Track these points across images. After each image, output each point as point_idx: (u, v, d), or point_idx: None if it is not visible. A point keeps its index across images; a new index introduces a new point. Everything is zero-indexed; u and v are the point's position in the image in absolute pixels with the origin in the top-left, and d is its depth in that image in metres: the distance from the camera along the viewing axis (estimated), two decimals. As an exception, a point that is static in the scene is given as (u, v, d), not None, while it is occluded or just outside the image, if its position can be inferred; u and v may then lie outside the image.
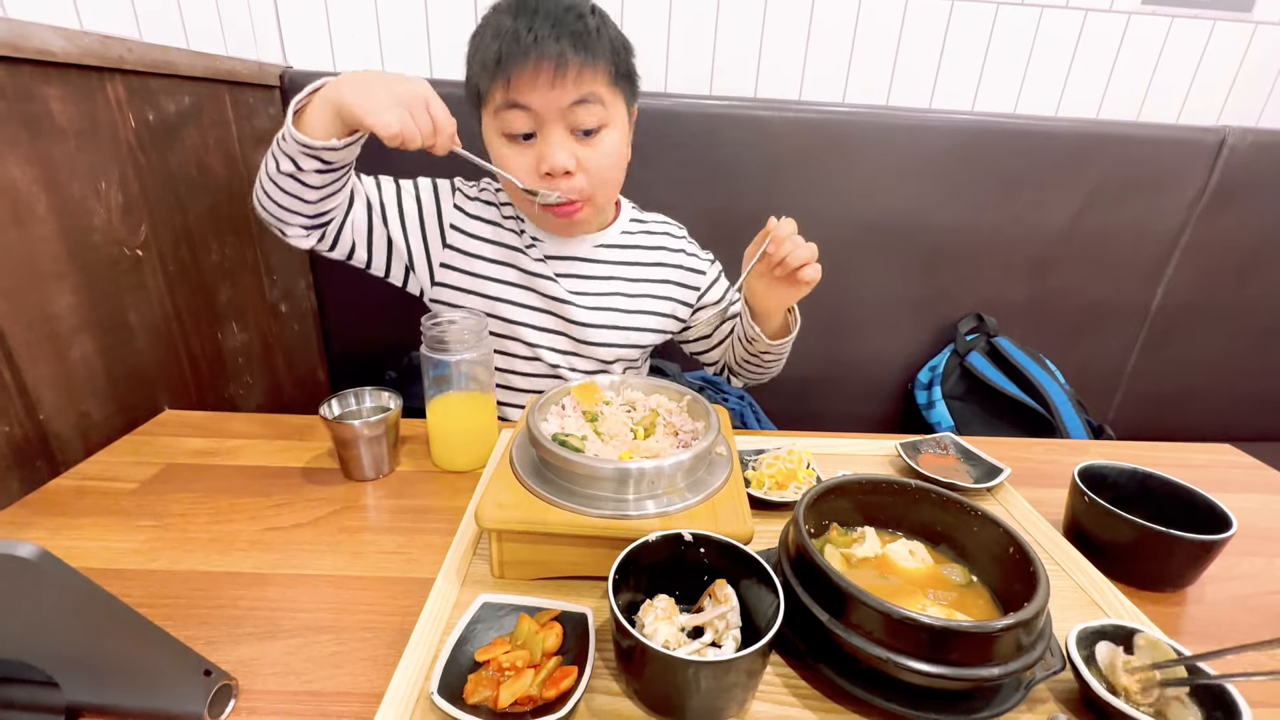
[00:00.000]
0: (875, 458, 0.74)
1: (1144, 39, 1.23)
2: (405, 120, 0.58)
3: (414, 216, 0.77)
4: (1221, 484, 0.68)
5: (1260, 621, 0.53)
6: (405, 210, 0.77)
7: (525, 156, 0.69)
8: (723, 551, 0.45)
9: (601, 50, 0.66)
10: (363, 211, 0.75)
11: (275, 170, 0.64)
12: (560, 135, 0.68)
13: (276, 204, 0.67)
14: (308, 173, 0.64)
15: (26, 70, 0.62)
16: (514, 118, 0.67)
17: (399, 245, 0.77)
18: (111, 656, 0.37)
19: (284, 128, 0.61)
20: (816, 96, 1.23)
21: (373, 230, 0.75)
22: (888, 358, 1.30)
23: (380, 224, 0.76)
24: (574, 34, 0.64)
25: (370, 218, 0.75)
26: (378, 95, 0.58)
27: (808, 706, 0.42)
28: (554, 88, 0.65)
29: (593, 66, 0.66)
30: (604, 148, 0.70)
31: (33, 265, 0.64)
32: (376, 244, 0.76)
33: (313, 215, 0.69)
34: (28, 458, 0.64)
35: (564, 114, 0.67)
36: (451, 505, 0.62)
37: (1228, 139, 1.15)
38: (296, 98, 0.61)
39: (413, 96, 0.58)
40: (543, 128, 0.68)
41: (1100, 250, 1.22)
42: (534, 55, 0.63)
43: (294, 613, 0.48)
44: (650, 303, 0.84)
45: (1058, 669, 0.42)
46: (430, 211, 0.78)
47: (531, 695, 0.39)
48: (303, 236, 0.71)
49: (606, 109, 0.69)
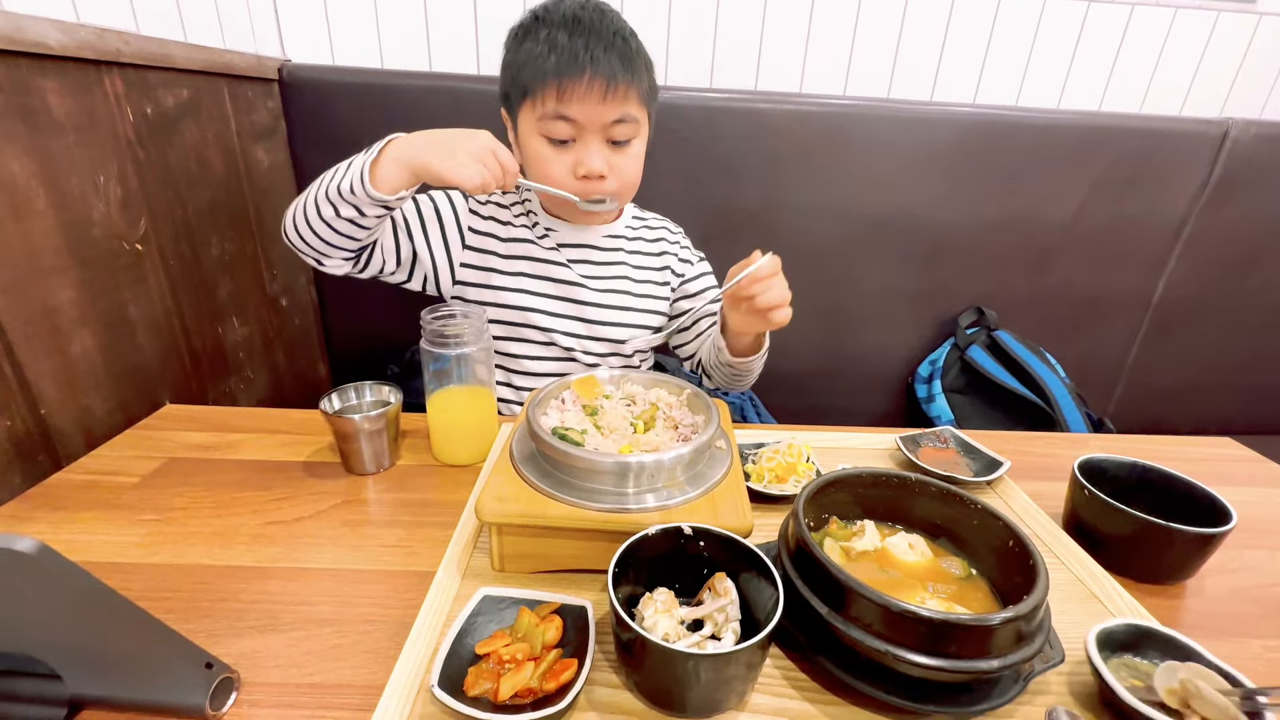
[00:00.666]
0: (875, 451, 0.74)
1: (1147, 31, 1.22)
2: (483, 173, 0.65)
3: (436, 228, 0.82)
4: (1222, 477, 0.68)
5: (1260, 614, 0.53)
6: (427, 223, 0.82)
7: (564, 159, 0.76)
8: (722, 545, 0.45)
9: (639, 72, 0.73)
10: (389, 232, 0.79)
11: (333, 215, 0.68)
12: (598, 143, 0.75)
13: (324, 241, 0.71)
14: (370, 218, 0.68)
15: (23, 63, 0.62)
16: (558, 126, 0.73)
17: (423, 257, 0.82)
18: (113, 650, 0.37)
19: (349, 179, 0.65)
20: (817, 89, 1.22)
21: (400, 248, 0.81)
22: (888, 351, 1.30)
23: (406, 240, 0.81)
24: (621, 56, 0.71)
25: (397, 236, 0.80)
26: (457, 155, 0.64)
27: (807, 698, 0.42)
28: (603, 104, 0.72)
29: (635, 86, 0.73)
30: (631, 154, 0.78)
31: (32, 260, 0.64)
32: (403, 259, 0.81)
33: (358, 249, 0.74)
34: (29, 452, 0.64)
35: (605, 127, 0.74)
36: (452, 499, 0.62)
37: (1230, 131, 1.14)
38: (367, 158, 0.65)
39: (484, 150, 0.65)
40: (582, 136, 0.74)
41: (1102, 243, 1.22)
42: (589, 73, 0.70)
43: (295, 606, 0.48)
44: (653, 287, 0.90)
45: (1057, 661, 0.42)
46: (450, 219, 0.83)
47: (532, 688, 0.39)
48: (341, 265, 0.76)
49: (640, 124, 0.76)
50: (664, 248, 0.91)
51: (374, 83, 1.05)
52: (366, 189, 0.64)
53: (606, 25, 0.72)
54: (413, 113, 1.06)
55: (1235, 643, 0.50)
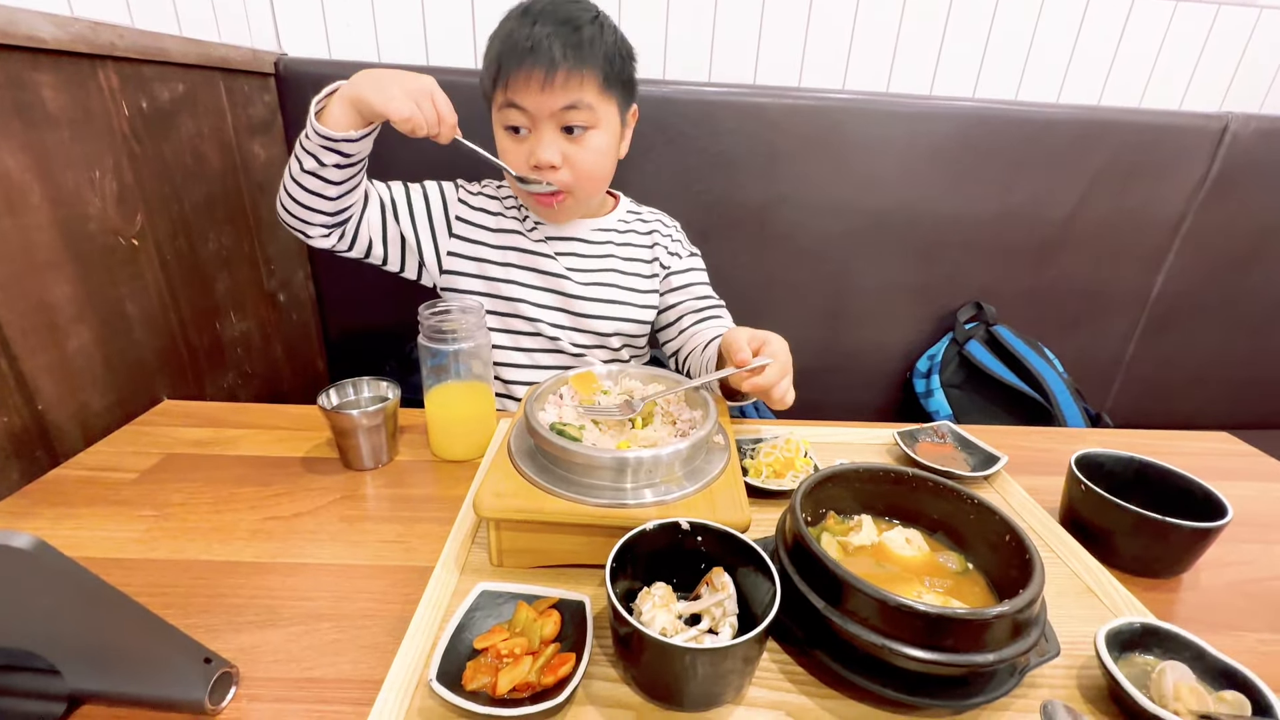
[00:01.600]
0: (873, 446, 0.75)
1: (1147, 24, 1.21)
2: (414, 109, 0.65)
3: (423, 212, 0.83)
4: (1218, 472, 0.69)
5: (1256, 608, 0.54)
6: (415, 207, 0.83)
7: (520, 149, 0.76)
8: (720, 540, 0.45)
9: (592, 59, 0.71)
10: (377, 211, 0.80)
11: (299, 170, 0.69)
12: (550, 133, 0.74)
13: (300, 205, 0.72)
14: (329, 168, 0.69)
15: (17, 57, 0.62)
16: (511, 115, 0.74)
17: (410, 240, 0.82)
18: (113, 645, 0.37)
19: (307, 125, 0.67)
20: (816, 83, 1.22)
21: (387, 228, 0.81)
22: (886, 346, 1.30)
23: (393, 221, 0.81)
24: (566, 44, 0.70)
25: (384, 216, 0.81)
26: (390, 88, 0.65)
27: (804, 692, 0.43)
28: (543, 91, 0.71)
29: (579, 74, 0.71)
30: (589, 145, 0.76)
31: (28, 255, 0.64)
32: (391, 241, 0.82)
33: (333, 213, 0.74)
34: (27, 448, 0.64)
35: (555, 115, 0.73)
36: (450, 494, 0.62)
37: (1230, 125, 1.14)
38: (316, 98, 0.68)
39: (420, 89, 0.66)
40: (535, 125, 0.74)
41: (1101, 238, 1.22)
42: (527, 61, 0.69)
43: (294, 601, 0.49)
44: (642, 281, 0.89)
45: (1052, 655, 0.42)
46: (437, 206, 0.84)
47: (530, 682, 0.39)
48: (324, 236, 0.76)
49: (595, 112, 0.74)
50: (655, 240, 0.90)
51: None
52: (315, 127, 0.66)
53: (560, 12, 0.71)
54: (410, 107, 1.05)
55: (1231, 636, 0.50)
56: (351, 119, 0.67)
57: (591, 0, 0.76)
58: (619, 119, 0.79)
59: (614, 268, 0.87)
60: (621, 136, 0.81)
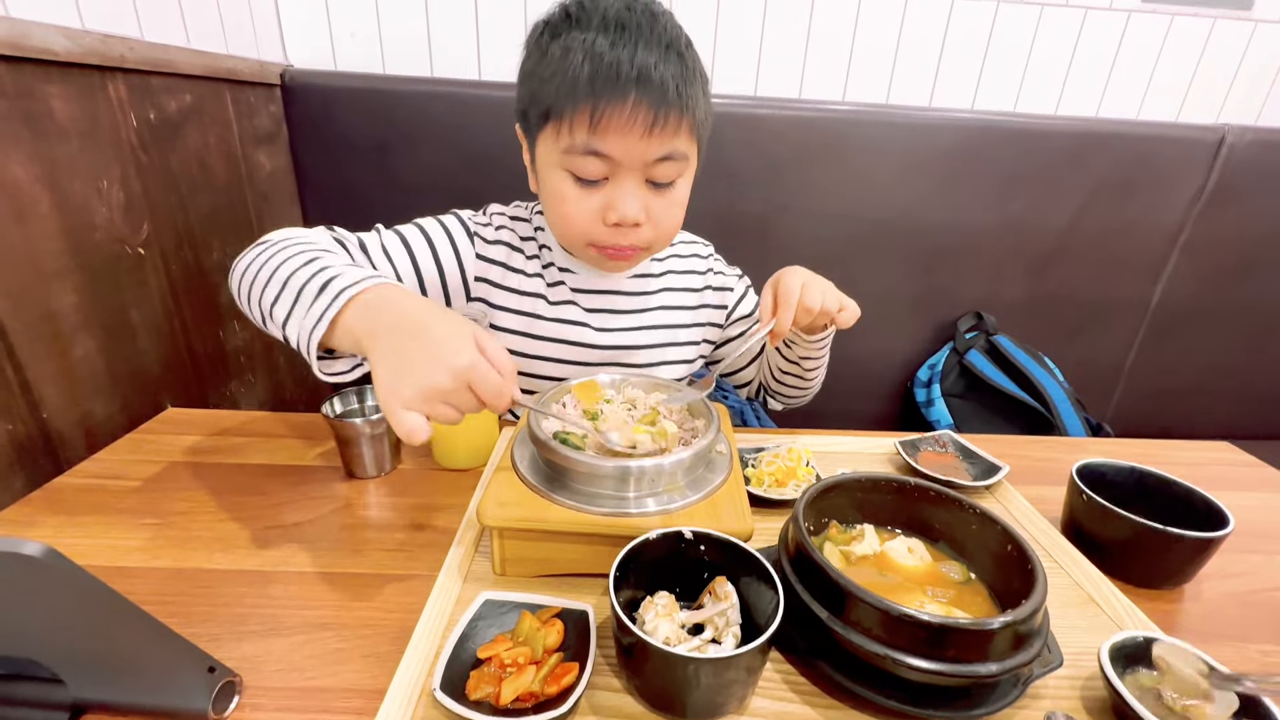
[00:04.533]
0: (874, 456, 0.75)
1: (1144, 37, 1.23)
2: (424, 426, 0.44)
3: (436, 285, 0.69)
4: (1219, 482, 0.69)
5: (1257, 618, 0.53)
6: (426, 281, 0.68)
7: (590, 201, 0.62)
8: (723, 549, 0.45)
9: (697, 94, 0.59)
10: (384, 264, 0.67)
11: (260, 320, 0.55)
12: (634, 185, 0.61)
13: None
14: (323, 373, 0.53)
15: (28, 69, 0.62)
16: (589, 164, 0.60)
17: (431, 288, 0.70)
18: (116, 654, 0.37)
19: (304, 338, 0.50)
20: (816, 95, 1.23)
21: None
22: (887, 356, 1.31)
23: None
24: (676, 75, 0.56)
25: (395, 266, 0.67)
26: (402, 382, 0.44)
27: (807, 702, 0.43)
28: (647, 138, 0.57)
29: (688, 116, 0.59)
30: (674, 199, 0.65)
31: (35, 264, 0.64)
32: None
33: None
34: (31, 456, 0.64)
35: (646, 166, 0.61)
36: (453, 503, 0.62)
37: (1227, 137, 1.15)
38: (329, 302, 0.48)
39: (454, 387, 0.44)
40: (617, 174, 0.61)
41: (1099, 248, 1.22)
42: (634, 97, 0.55)
43: (297, 610, 0.49)
44: (688, 314, 0.79)
45: (1055, 665, 0.42)
46: (453, 273, 0.70)
47: (533, 691, 0.39)
48: None
49: (687, 161, 0.63)
50: (693, 282, 0.80)
51: (376, 88, 1.06)
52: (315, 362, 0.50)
53: (659, 33, 0.57)
54: (414, 118, 1.06)
55: (1232, 647, 0.50)
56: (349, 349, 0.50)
57: None
58: (699, 162, 0.67)
59: (654, 322, 0.75)
60: None
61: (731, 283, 0.84)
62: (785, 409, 0.86)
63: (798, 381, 0.77)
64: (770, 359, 0.78)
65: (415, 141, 1.07)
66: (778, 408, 0.85)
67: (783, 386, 0.79)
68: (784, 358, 0.75)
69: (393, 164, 1.08)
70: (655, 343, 0.77)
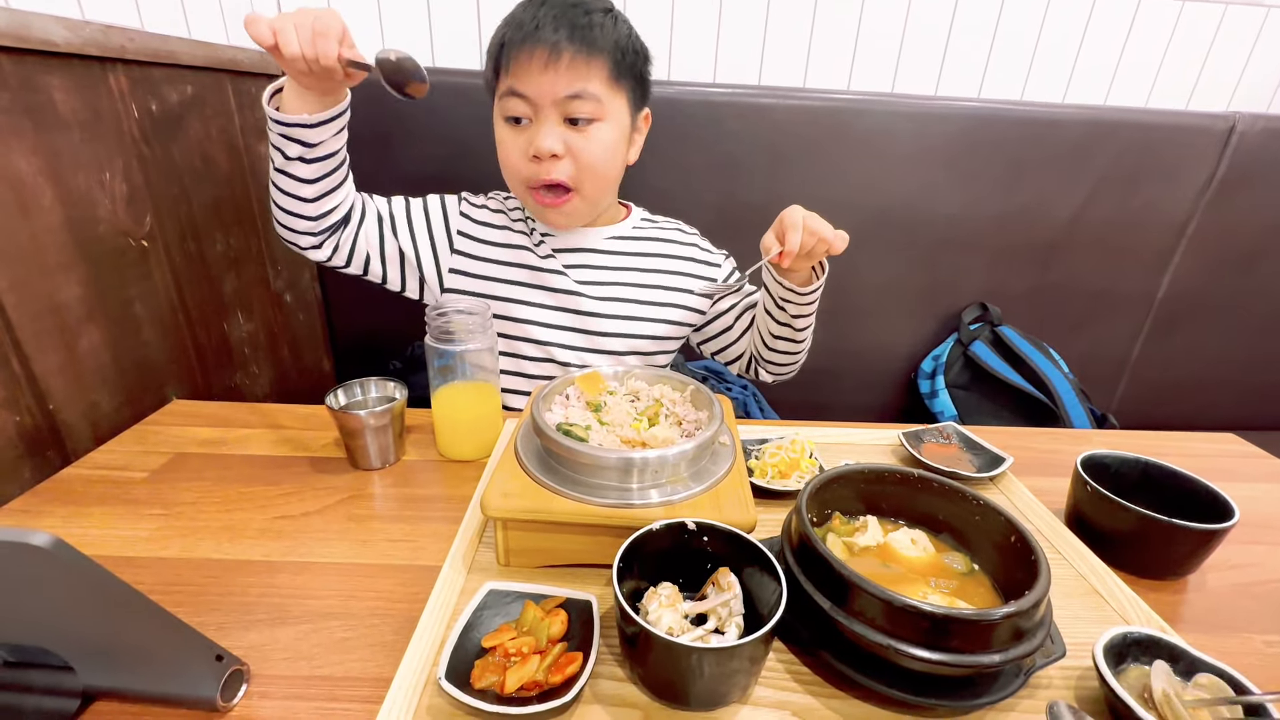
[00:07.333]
0: (878, 447, 0.75)
1: (1154, 24, 1.21)
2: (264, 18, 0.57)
3: (423, 226, 0.81)
4: (1225, 473, 0.68)
5: (1262, 610, 0.53)
6: (414, 221, 0.81)
7: (519, 140, 0.73)
8: (726, 540, 0.45)
9: (602, 46, 0.69)
10: (374, 225, 0.78)
11: (272, 169, 0.69)
12: (552, 122, 0.71)
13: (281, 209, 0.71)
14: (294, 161, 0.67)
15: (29, 61, 0.62)
16: (512, 104, 0.71)
17: (409, 255, 0.81)
18: (126, 642, 0.38)
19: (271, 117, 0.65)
20: (821, 84, 1.22)
21: (384, 243, 0.79)
22: (891, 347, 1.30)
23: (391, 236, 0.79)
24: (574, 26, 0.67)
25: (382, 230, 0.79)
26: None
27: (809, 692, 0.43)
28: (545, 72, 0.68)
29: (586, 60, 0.68)
30: (595, 137, 0.72)
31: (39, 256, 0.65)
32: (389, 257, 0.80)
33: (315, 217, 0.72)
34: (38, 447, 0.65)
35: (558, 104, 0.70)
36: (457, 494, 0.63)
37: (1237, 126, 1.13)
38: (270, 87, 0.66)
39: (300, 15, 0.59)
40: (537, 114, 0.71)
41: (1106, 238, 1.21)
42: (530, 42, 0.67)
43: (303, 599, 0.49)
44: (662, 294, 0.85)
45: (1058, 656, 0.42)
46: (438, 219, 0.82)
47: (537, 681, 0.40)
48: (315, 248, 0.75)
49: (602, 104, 0.71)
50: (674, 250, 0.87)
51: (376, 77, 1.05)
52: (269, 113, 0.64)
53: None
54: (414, 107, 1.05)
55: (1237, 638, 0.50)
56: (304, 100, 0.64)
57: None
58: (629, 117, 0.75)
59: (630, 280, 0.83)
60: (631, 140, 0.78)
61: (718, 259, 0.90)
62: (775, 381, 0.88)
63: (789, 345, 0.80)
64: (760, 326, 0.81)
65: (418, 133, 1.07)
66: (769, 379, 0.88)
67: (774, 353, 0.82)
68: (775, 321, 0.78)
69: (395, 155, 1.08)
70: (628, 312, 0.83)
